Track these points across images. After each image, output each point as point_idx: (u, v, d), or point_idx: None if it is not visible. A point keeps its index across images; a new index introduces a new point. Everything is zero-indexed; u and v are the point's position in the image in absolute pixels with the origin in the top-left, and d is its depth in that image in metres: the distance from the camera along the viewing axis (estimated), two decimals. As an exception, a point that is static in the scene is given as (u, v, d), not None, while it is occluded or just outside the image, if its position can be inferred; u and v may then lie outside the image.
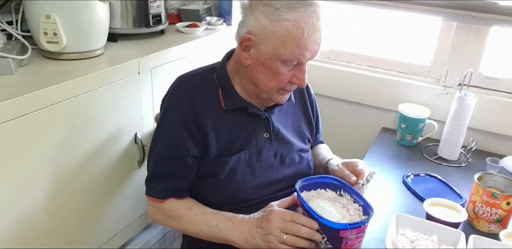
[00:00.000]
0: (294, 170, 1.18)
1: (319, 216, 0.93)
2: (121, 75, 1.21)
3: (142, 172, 1.40)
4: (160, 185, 1.09)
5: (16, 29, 1.25)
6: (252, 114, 1.10)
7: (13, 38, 1.22)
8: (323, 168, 1.24)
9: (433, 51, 1.66)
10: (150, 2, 1.41)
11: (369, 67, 1.77)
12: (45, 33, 1.16)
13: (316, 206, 0.99)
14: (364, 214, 0.97)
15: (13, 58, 1.08)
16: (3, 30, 1.20)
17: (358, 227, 0.91)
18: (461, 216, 1.10)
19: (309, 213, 0.95)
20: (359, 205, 1.00)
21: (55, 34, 1.16)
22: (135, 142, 1.33)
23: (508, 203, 1.08)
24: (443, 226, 1.04)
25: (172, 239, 1.64)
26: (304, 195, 1.03)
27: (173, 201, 1.09)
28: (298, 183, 1.02)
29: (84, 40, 1.22)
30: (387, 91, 1.70)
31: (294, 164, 1.18)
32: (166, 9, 1.51)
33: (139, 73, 1.27)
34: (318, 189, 1.06)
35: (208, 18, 1.65)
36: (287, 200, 1.02)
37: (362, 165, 1.13)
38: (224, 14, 1.73)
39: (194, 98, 1.06)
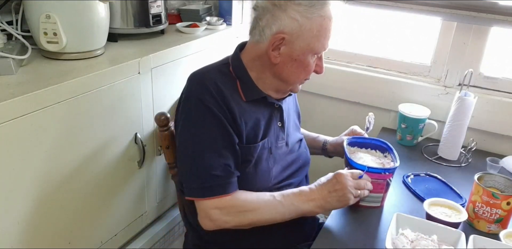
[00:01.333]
0: (297, 157, 1.26)
1: (349, 157, 1.17)
2: (121, 75, 1.21)
3: (142, 172, 1.40)
4: (222, 179, 1.06)
5: (16, 29, 1.25)
6: (269, 104, 1.16)
7: (13, 38, 1.22)
8: (320, 148, 1.41)
9: (433, 51, 1.66)
10: (150, 2, 1.41)
11: (369, 67, 1.77)
12: (45, 33, 1.16)
13: (358, 157, 1.20)
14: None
15: (13, 58, 1.09)
16: (3, 30, 1.20)
17: (377, 173, 1.14)
18: (461, 216, 1.10)
19: (346, 157, 1.18)
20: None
21: (55, 34, 1.16)
22: (135, 142, 1.33)
23: (508, 203, 1.08)
24: (443, 226, 1.04)
25: (172, 239, 1.64)
26: (355, 149, 1.27)
27: (241, 193, 1.08)
28: (348, 139, 1.25)
29: (84, 40, 1.22)
30: (387, 91, 1.70)
31: (297, 151, 1.26)
32: (166, 9, 1.51)
33: (139, 73, 1.27)
34: (369, 149, 1.28)
35: (208, 18, 1.65)
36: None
37: (358, 128, 1.36)
38: (224, 14, 1.73)
39: (221, 89, 1.07)
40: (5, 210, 1.01)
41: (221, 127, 1.06)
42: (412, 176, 1.36)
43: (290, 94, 1.22)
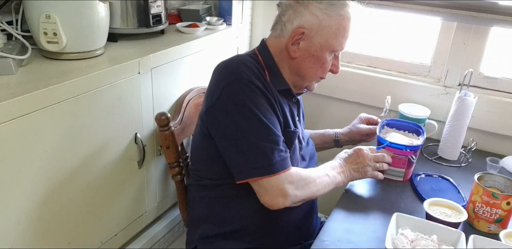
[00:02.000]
0: (308, 152, 1.30)
1: (378, 134, 1.31)
2: (121, 75, 1.21)
3: (142, 172, 1.40)
4: (284, 154, 1.07)
5: (16, 29, 1.25)
6: (291, 97, 1.21)
7: (13, 38, 1.22)
8: (332, 141, 1.49)
9: (433, 51, 1.66)
10: (150, 2, 1.41)
11: (369, 67, 1.77)
12: (45, 33, 1.16)
13: (390, 136, 1.34)
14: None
15: (13, 58, 1.09)
16: (3, 30, 1.20)
17: (398, 148, 1.27)
18: (461, 216, 1.10)
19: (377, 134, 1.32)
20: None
21: (55, 34, 1.16)
22: (135, 142, 1.33)
23: (508, 203, 1.08)
24: (443, 226, 1.04)
25: (172, 239, 1.64)
26: (392, 130, 1.41)
27: (294, 168, 1.10)
28: (385, 120, 1.41)
29: (84, 40, 1.22)
30: (387, 91, 1.69)
31: (307, 147, 1.30)
32: (166, 9, 1.51)
33: (139, 73, 1.27)
34: (406, 131, 1.41)
35: (208, 18, 1.65)
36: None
37: (366, 114, 1.48)
38: (224, 14, 1.73)
39: (258, 75, 1.09)
40: (5, 210, 1.01)
41: (271, 106, 1.09)
42: (423, 176, 1.36)
43: (305, 91, 1.25)
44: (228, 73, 1.08)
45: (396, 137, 1.34)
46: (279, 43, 1.14)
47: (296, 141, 1.19)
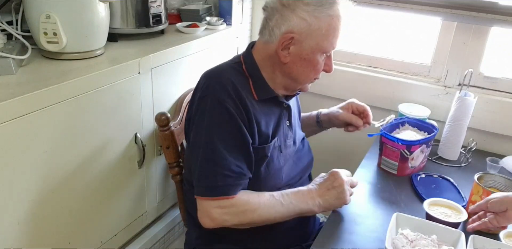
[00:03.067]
0: (301, 155, 1.28)
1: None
2: (121, 75, 1.21)
3: (142, 172, 1.40)
4: (232, 180, 1.05)
5: (16, 29, 1.25)
6: (279, 104, 1.18)
7: (13, 38, 1.22)
8: (314, 122, 1.42)
9: (433, 51, 1.66)
10: (150, 2, 1.41)
11: (369, 67, 1.77)
12: (45, 33, 1.16)
13: (404, 133, 1.39)
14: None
15: (13, 58, 1.09)
16: (3, 30, 1.20)
17: (391, 140, 1.32)
18: (461, 216, 1.10)
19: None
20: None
21: (55, 34, 1.16)
22: (135, 142, 1.33)
23: (508, 203, 1.08)
24: (442, 226, 1.04)
25: (172, 239, 1.64)
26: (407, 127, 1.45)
27: (243, 193, 1.08)
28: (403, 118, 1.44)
29: (84, 40, 1.22)
30: (387, 91, 1.70)
31: (302, 150, 1.29)
32: (166, 9, 1.51)
33: (139, 73, 1.27)
34: (422, 132, 1.42)
35: (208, 18, 1.65)
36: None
37: (358, 103, 1.36)
38: (224, 14, 1.73)
39: (238, 89, 1.08)
40: (5, 210, 1.01)
41: (236, 128, 1.06)
42: (423, 176, 1.36)
43: (297, 93, 1.23)
44: (202, 88, 1.10)
45: (408, 133, 1.37)
46: (268, 49, 1.10)
47: (275, 152, 1.15)
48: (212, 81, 1.09)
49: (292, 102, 1.25)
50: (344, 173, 1.16)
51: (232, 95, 1.06)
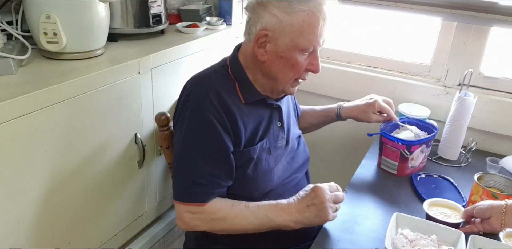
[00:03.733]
0: (296, 154, 1.26)
1: (382, 127, 1.37)
2: (121, 75, 1.21)
3: (142, 172, 1.40)
4: (204, 188, 1.06)
5: (16, 29, 1.25)
6: (268, 105, 1.16)
7: (13, 38, 1.22)
8: (334, 116, 1.41)
9: (433, 51, 1.66)
10: (150, 2, 1.41)
11: (369, 67, 1.77)
12: (45, 33, 1.16)
13: (403, 133, 1.38)
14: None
15: (13, 58, 1.09)
16: (3, 30, 1.20)
17: (391, 140, 1.32)
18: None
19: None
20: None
21: (55, 34, 1.16)
22: (135, 142, 1.33)
23: (508, 203, 1.08)
24: (442, 226, 1.04)
25: (172, 239, 1.64)
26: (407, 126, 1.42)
27: (215, 201, 1.08)
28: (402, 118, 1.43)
29: (84, 40, 1.22)
30: (387, 91, 1.69)
31: (296, 148, 1.27)
32: (166, 9, 1.51)
33: (139, 73, 1.27)
34: (424, 132, 1.40)
35: (208, 18, 1.65)
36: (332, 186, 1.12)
37: (381, 104, 1.36)
38: (224, 14, 1.73)
39: (220, 93, 1.07)
40: (5, 210, 1.01)
41: (215, 136, 1.06)
42: (423, 176, 1.36)
43: (286, 95, 1.21)
44: (186, 93, 1.11)
45: (407, 134, 1.36)
46: (249, 49, 1.10)
47: (263, 154, 1.14)
48: (195, 88, 1.09)
49: (284, 101, 1.24)
50: (327, 189, 1.08)
51: (214, 102, 1.06)
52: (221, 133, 1.06)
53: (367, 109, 1.37)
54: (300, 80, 1.13)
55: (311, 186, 1.09)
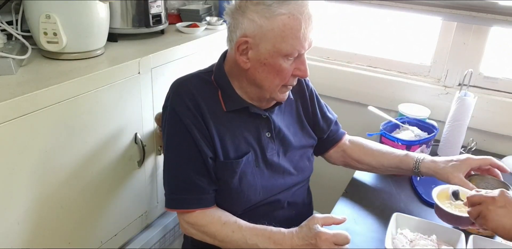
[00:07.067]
0: (294, 166, 1.18)
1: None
2: (121, 75, 1.22)
3: (142, 172, 1.40)
4: (187, 193, 1.05)
5: (16, 29, 1.25)
6: (253, 115, 1.10)
7: (13, 38, 1.22)
8: (410, 169, 1.18)
9: (433, 51, 1.66)
10: (150, 2, 1.41)
11: (369, 67, 1.77)
12: (45, 33, 1.16)
13: (404, 133, 1.42)
14: None
15: (13, 58, 1.09)
16: (3, 30, 1.20)
17: (391, 140, 1.36)
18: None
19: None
20: None
21: (55, 34, 1.16)
22: (135, 142, 1.33)
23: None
24: (442, 226, 1.04)
25: (172, 239, 1.64)
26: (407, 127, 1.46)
27: (203, 213, 1.05)
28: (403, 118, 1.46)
29: (84, 40, 1.22)
30: (387, 91, 1.70)
31: (295, 161, 1.18)
32: (166, 9, 1.51)
33: (139, 73, 1.27)
34: (425, 133, 1.44)
35: (208, 18, 1.65)
36: (332, 219, 1.01)
37: (477, 159, 1.14)
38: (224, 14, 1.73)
39: (197, 99, 1.05)
40: (5, 210, 1.01)
41: (192, 140, 1.04)
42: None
43: (280, 103, 1.14)
44: (166, 98, 1.10)
45: (408, 134, 1.36)
46: (232, 56, 1.04)
47: (249, 167, 1.08)
48: (173, 92, 1.08)
49: (283, 110, 1.17)
50: (330, 240, 0.96)
51: (189, 106, 1.03)
52: (198, 138, 1.04)
53: (457, 168, 1.16)
54: (289, 86, 1.07)
55: (317, 228, 0.98)
